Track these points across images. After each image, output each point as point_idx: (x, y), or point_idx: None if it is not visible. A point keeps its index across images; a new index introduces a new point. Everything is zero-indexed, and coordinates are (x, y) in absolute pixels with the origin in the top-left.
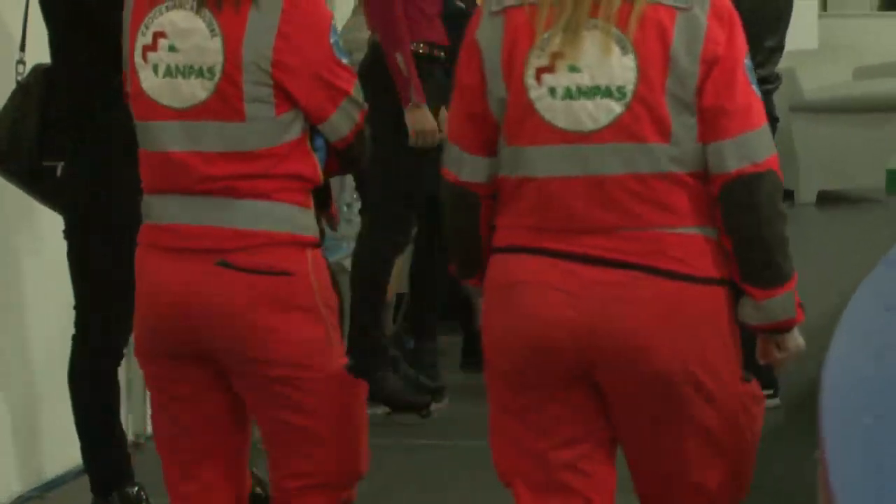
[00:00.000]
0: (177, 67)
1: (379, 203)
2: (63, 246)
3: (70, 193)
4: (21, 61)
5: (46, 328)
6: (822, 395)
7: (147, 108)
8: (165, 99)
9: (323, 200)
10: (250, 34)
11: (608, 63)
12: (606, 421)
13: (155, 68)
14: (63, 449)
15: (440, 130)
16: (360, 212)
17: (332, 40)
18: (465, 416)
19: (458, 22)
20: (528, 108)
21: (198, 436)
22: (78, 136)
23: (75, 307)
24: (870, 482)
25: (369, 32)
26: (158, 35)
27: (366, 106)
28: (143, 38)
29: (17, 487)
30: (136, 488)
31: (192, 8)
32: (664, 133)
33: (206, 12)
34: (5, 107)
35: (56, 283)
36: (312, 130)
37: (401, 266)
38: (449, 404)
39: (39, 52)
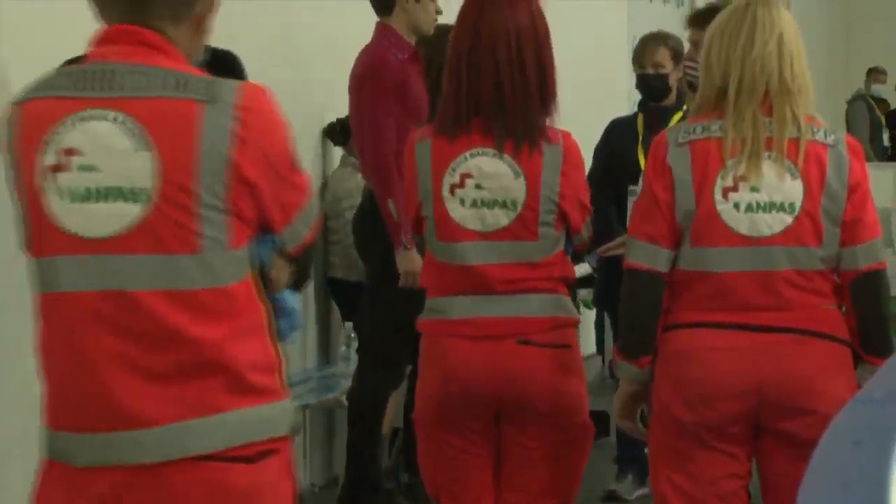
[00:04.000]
0: (482, 201)
1: (373, 341)
2: None
3: None
4: None
5: None
6: None
7: (453, 232)
8: (471, 224)
9: None
10: (545, 174)
11: (782, 185)
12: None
13: (462, 201)
14: None
15: None
16: (357, 350)
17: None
18: None
19: None
20: (716, 218)
21: (476, 478)
22: None
23: None
24: None
25: (357, 180)
26: (465, 176)
27: None
28: (451, 178)
29: None
30: None
31: (495, 155)
32: (819, 239)
33: (508, 157)
34: None
35: None
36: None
37: (396, 401)
38: None
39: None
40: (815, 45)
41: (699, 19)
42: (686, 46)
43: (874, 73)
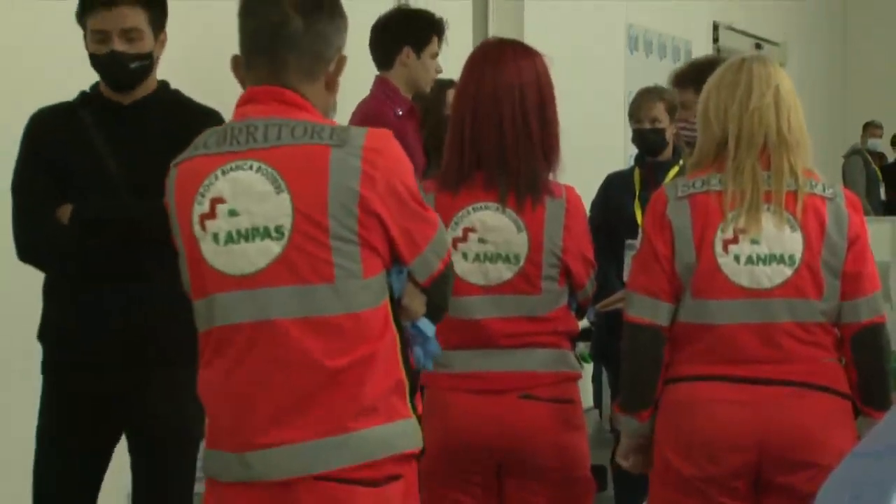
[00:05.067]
0: (485, 255)
1: None
2: None
3: None
4: None
5: None
6: None
7: (456, 286)
8: (474, 278)
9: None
10: (548, 228)
11: (781, 237)
12: None
13: (465, 255)
14: None
15: None
16: None
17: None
18: None
19: None
20: (716, 270)
21: None
22: None
23: None
24: None
25: None
26: (468, 230)
27: None
28: (454, 232)
29: None
30: None
31: (497, 209)
32: (819, 291)
33: (510, 211)
34: None
35: None
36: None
37: None
38: None
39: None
40: (811, 101)
41: (684, 79)
42: None
43: (870, 128)
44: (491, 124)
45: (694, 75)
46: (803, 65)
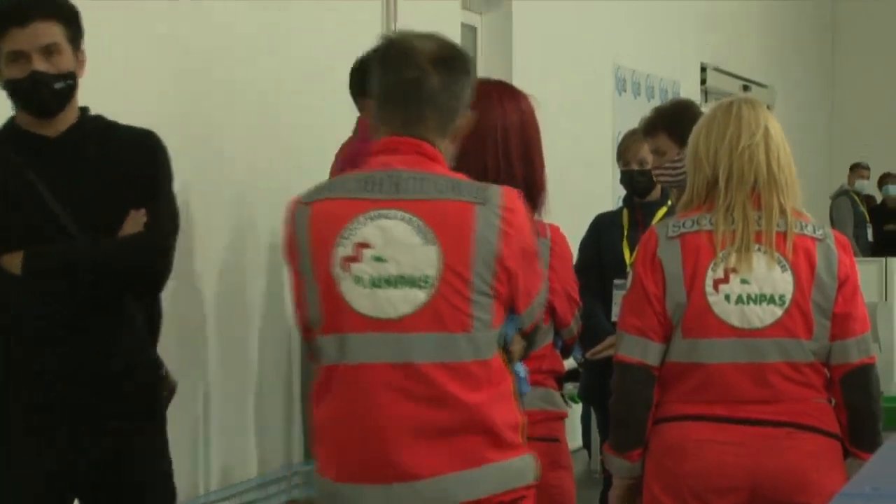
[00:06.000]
0: None
1: None
2: None
3: None
4: None
5: None
6: None
7: None
8: None
9: None
10: None
11: (772, 277)
12: None
13: None
14: None
15: None
16: None
17: None
18: None
19: None
20: (707, 310)
21: None
22: None
23: None
24: None
25: None
26: None
27: None
28: None
29: None
30: None
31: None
32: (810, 331)
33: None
34: None
35: None
36: None
37: None
38: None
39: None
40: (798, 142)
41: (651, 127)
42: None
43: (857, 169)
44: (475, 166)
45: (662, 122)
46: (790, 106)
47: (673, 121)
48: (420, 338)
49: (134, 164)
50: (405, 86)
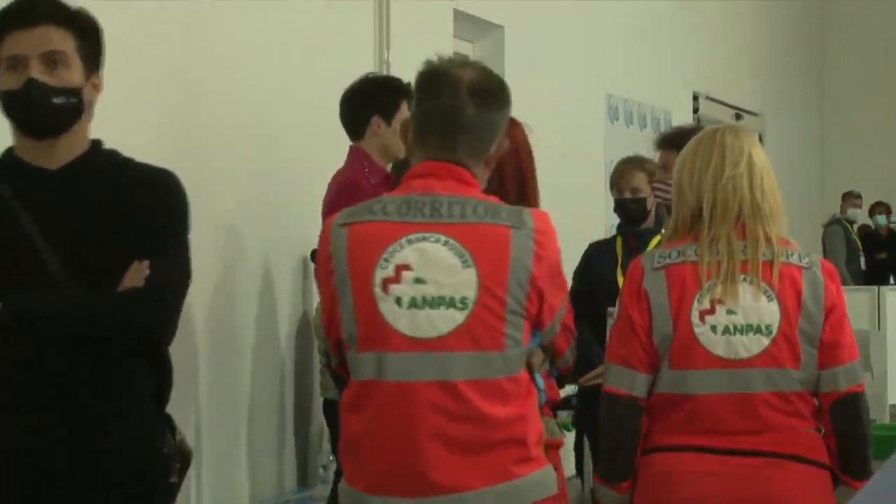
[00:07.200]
0: None
1: None
2: None
3: None
4: None
5: None
6: None
7: None
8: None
9: None
10: None
11: (758, 307)
12: None
13: None
14: None
15: None
16: (336, 472)
17: None
18: None
19: None
20: (693, 341)
21: None
22: None
23: None
24: None
25: None
26: None
27: None
28: None
29: None
30: None
31: None
32: (797, 361)
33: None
34: None
35: None
36: None
37: None
38: None
39: None
40: (790, 170)
41: (668, 141)
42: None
43: (850, 198)
44: None
45: (678, 140)
46: (782, 135)
47: (687, 139)
48: (457, 357)
49: (143, 208)
50: (442, 113)
